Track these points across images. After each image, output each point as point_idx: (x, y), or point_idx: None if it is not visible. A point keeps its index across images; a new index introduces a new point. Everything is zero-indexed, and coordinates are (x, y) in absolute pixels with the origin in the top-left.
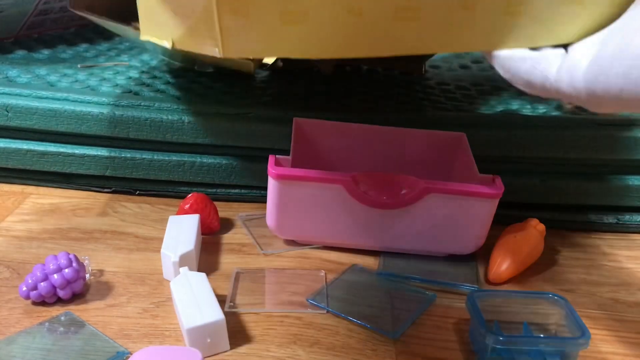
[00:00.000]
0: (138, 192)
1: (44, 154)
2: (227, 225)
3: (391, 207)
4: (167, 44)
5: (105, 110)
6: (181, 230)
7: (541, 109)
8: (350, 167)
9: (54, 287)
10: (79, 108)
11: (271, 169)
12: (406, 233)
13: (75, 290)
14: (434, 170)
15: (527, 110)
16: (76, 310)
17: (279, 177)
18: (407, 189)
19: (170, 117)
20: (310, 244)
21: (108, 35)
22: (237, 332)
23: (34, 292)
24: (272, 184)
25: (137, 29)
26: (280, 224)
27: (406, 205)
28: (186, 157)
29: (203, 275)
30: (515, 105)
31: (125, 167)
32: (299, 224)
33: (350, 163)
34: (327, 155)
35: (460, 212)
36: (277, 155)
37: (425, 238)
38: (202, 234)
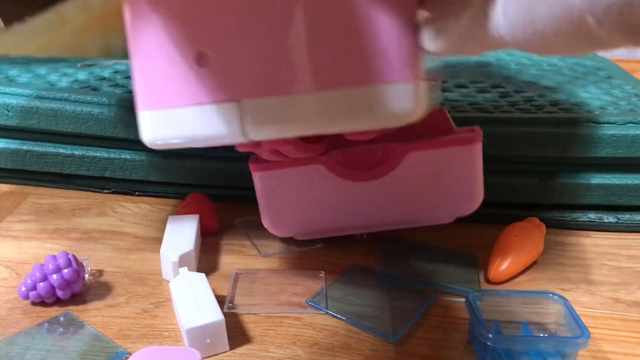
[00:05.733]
0: (137, 193)
1: (43, 154)
2: (226, 225)
3: (373, 177)
4: None
5: (105, 110)
6: (181, 231)
7: (540, 109)
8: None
9: (53, 288)
10: (79, 108)
11: (251, 164)
12: (400, 203)
13: (75, 290)
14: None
15: (525, 109)
16: (75, 310)
17: (260, 169)
18: (382, 155)
19: None
20: (309, 237)
21: None
22: (236, 332)
23: (33, 292)
24: (256, 178)
25: None
26: (274, 219)
27: (388, 173)
28: (186, 160)
29: (202, 275)
30: (513, 103)
31: (125, 169)
32: (291, 216)
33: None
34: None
35: (446, 166)
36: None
37: (421, 204)
38: (202, 234)
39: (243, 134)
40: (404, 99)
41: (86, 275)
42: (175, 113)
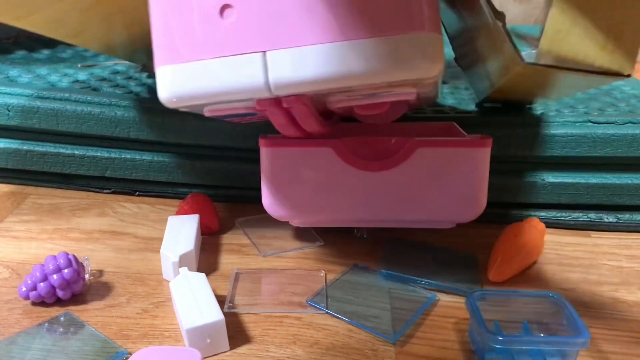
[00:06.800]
0: (138, 192)
1: (43, 154)
2: (226, 225)
3: (381, 168)
4: None
5: (106, 110)
6: (181, 231)
7: (539, 110)
8: None
9: (54, 288)
10: (80, 108)
11: (262, 139)
12: (403, 199)
13: (75, 290)
14: None
15: (526, 110)
16: (76, 310)
17: (270, 145)
18: (394, 147)
19: (171, 118)
20: (306, 224)
21: None
22: (236, 332)
23: (34, 292)
24: (263, 154)
25: None
26: (274, 200)
27: (396, 165)
28: (186, 159)
29: (202, 275)
30: (515, 105)
31: (125, 168)
32: (292, 198)
33: None
34: None
35: (453, 166)
36: (268, 134)
37: (424, 204)
38: (202, 234)
39: (266, 86)
40: (427, 50)
41: (86, 276)
42: (197, 66)
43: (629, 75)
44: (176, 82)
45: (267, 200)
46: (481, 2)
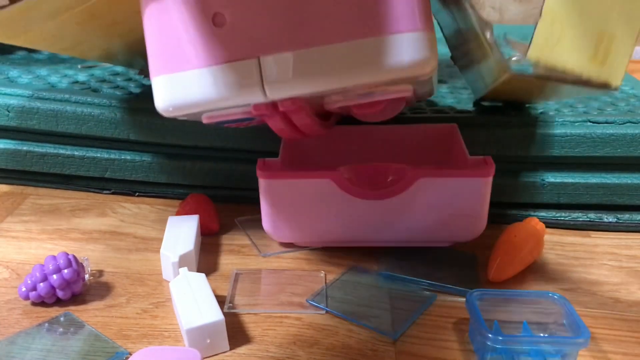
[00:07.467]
0: (138, 193)
1: (43, 155)
2: (226, 226)
3: (382, 197)
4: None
5: (106, 111)
6: (181, 231)
7: (539, 109)
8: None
9: (53, 288)
10: (79, 109)
11: (259, 170)
12: (404, 224)
13: (75, 290)
14: (428, 163)
15: (525, 109)
16: (75, 310)
17: (268, 177)
18: (394, 176)
19: (171, 119)
20: (308, 245)
21: None
22: (236, 332)
23: (33, 292)
24: (262, 185)
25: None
26: (276, 225)
27: (397, 194)
28: (186, 160)
29: (202, 275)
30: (514, 104)
31: (125, 169)
32: (294, 224)
33: (345, 164)
34: (319, 158)
35: (453, 195)
36: (266, 159)
37: (423, 228)
38: (202, 234)
39: (262, 91)
40: (419, 48)
41: (86, 276)
42: (192, 75)
43: (616, 88)
44: (172, 91)
45: (268, 224)
46: (467, 8)
